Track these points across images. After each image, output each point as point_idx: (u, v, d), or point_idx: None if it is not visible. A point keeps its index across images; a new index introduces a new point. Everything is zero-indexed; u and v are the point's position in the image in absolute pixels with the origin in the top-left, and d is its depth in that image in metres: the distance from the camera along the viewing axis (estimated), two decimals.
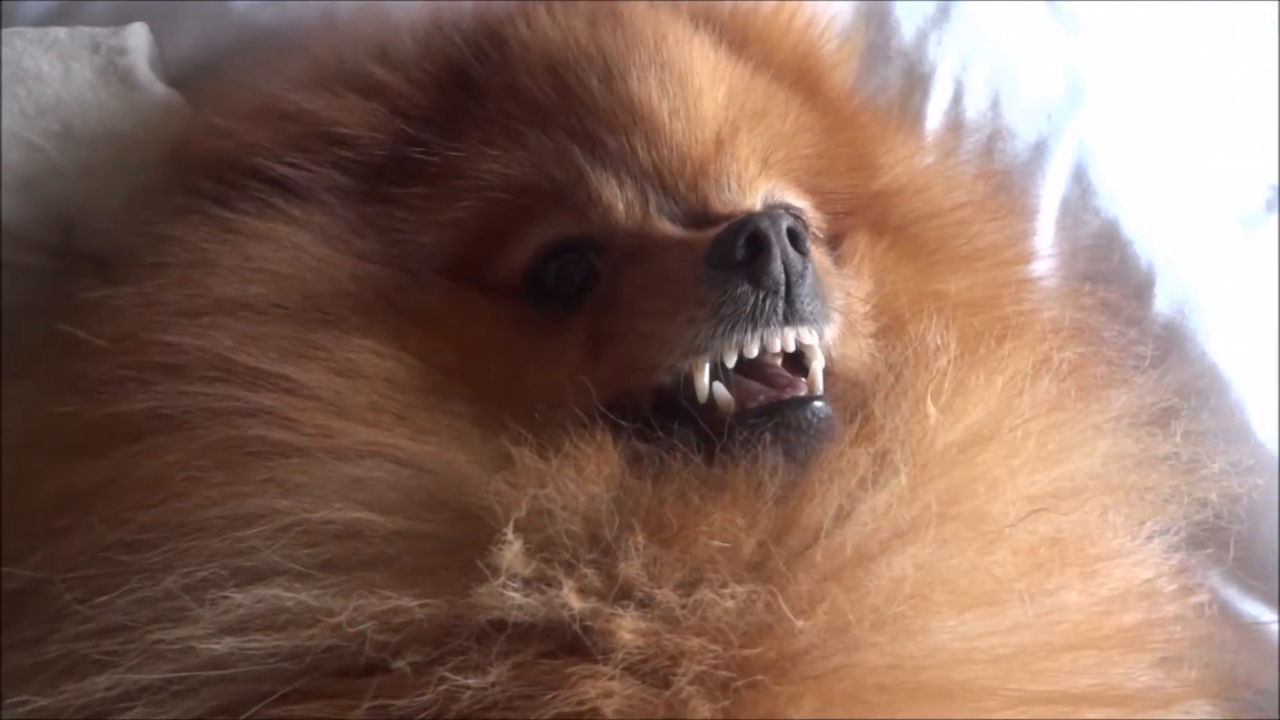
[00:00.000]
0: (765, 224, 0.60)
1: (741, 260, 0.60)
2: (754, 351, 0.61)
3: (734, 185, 0.70)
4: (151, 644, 0.54)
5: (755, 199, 0.71)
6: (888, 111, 0.93)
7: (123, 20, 0.83)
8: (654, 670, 0.53)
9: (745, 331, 0.61)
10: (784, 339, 0.62)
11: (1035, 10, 1.05)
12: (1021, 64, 1.00)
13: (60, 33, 0.80)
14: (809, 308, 0.62)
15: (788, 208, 0.71)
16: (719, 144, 0.71)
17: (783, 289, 0.61)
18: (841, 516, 0.57)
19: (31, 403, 0.67)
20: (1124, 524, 0.69)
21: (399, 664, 0.52)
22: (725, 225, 0.62)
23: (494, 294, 0.68)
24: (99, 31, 0.80)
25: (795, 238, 0.61)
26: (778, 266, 0.60)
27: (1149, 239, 0.96)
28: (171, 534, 0.57)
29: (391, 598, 0.53)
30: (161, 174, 0.76)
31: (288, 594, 0.54)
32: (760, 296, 0.60)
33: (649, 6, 0.78)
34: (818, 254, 0.68)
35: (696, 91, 0.71)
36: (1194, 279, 0.96)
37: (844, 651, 0.55)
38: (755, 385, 0.61)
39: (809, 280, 0.62)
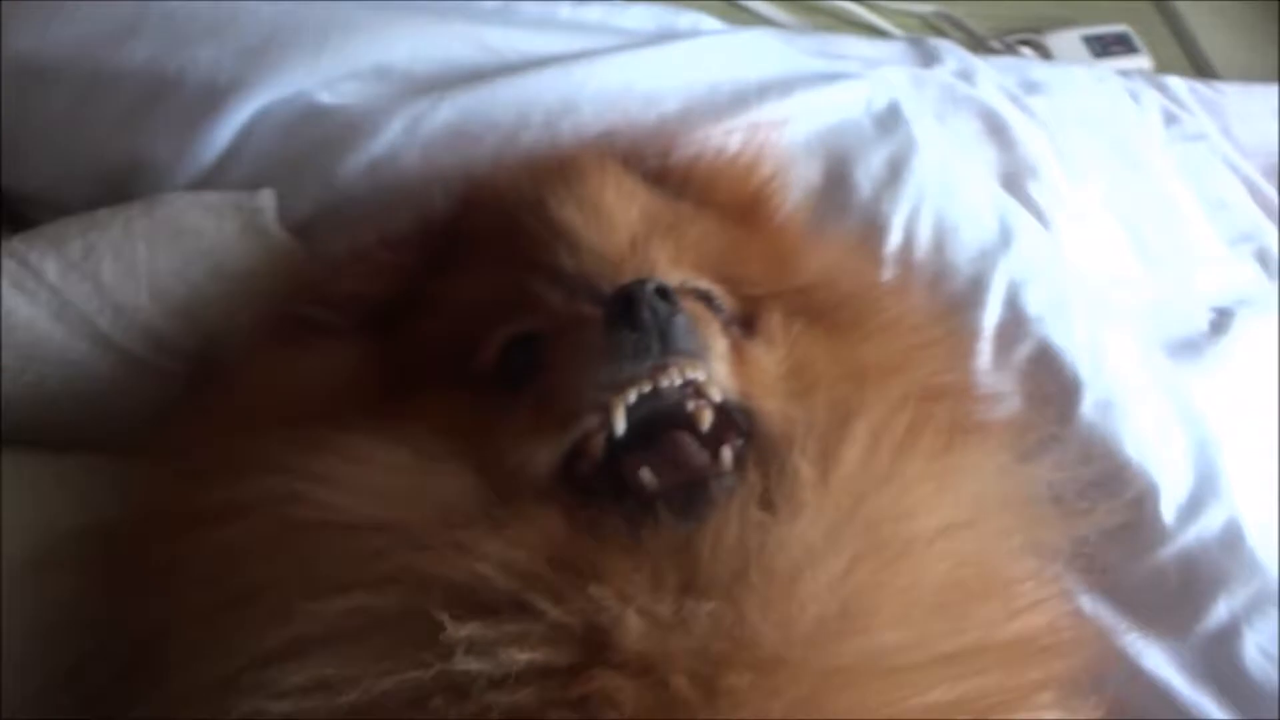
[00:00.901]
0: (634, 286, 0.74)
1: (620, 313, 0.73)
2: (648, 387, 0.72)
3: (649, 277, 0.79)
4: (241, 710, 0.63)
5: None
6: (810, 224, 1.08)
7: (255, 187, 1.05)
8: (652, 675, 0.63)
9: (632, 365, 0.72)
10: (670, 375, 0.73)
11: (987, 160, 1.26)
12: (959, 213, 1.19)
13: (211, 196, 1.01)
14: (685, 344, 0.73)
15: (695, 288, 0.84)
16: (633, 247, 0.84)
17: (654, 330, 0.73)
18: (765, 544, 0.67)
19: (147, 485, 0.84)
20: (1021, 551, 0.77)
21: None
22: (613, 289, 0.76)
23: (473, 387, 0.83)
24: (240, 195, 1.01)
25: (664, 293, 0.74)
26: (646, 313, 0.72)
27: (1075, 353, 1.12)
28: (242, 611, 0.68)
29: (400, 668, 0.63)
30: (274, 306, 0.97)
31: (329, 668, 0.63)
32: (638, 337, 0.72)
33: (584, 156, 0.97)
34: (696, 309, 0.81)
35: (609, 208, 0.86)
36: (1114, 389, 1.12)
37: (801, 651, 0.64)
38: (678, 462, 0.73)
39: (680, 323, 0.73)
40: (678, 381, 0.73)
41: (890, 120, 1.25)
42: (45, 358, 0.97)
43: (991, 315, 1.15)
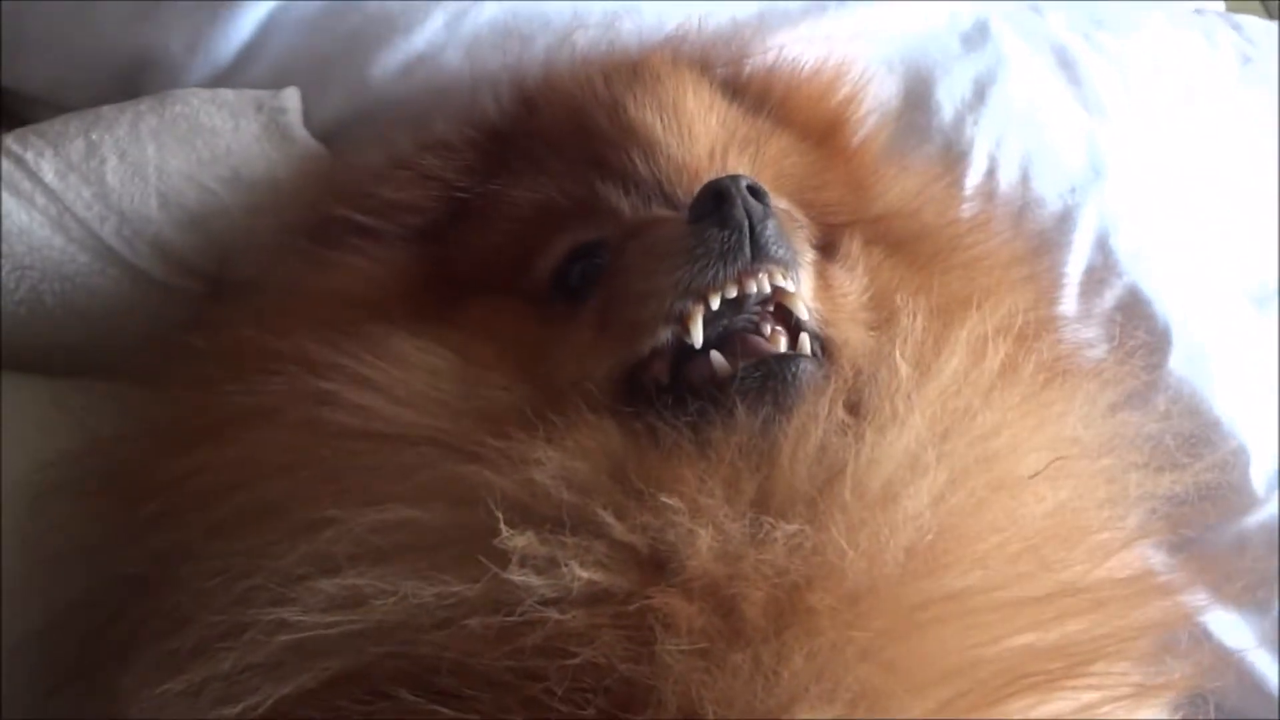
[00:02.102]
0: (726, 180, 0.69)
1: (709, 210, 0.68)
2: (733, 292, 0.68)
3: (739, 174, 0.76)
4: (266, 623, 0.60)
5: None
6: (888, 148, 1.01)
7: (278, 85, 0.95)
8: (718, 597, 0.58)
9: (719, 268, 0.67)
10: (759, 281, 0.68)
11: (1060, 93, 1.15)
12: (1049, 142, 1.09)
13: (228, 94, 0.92)
14: (775, 249, 0.68)
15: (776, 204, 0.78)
16: (711, 157, 0.81)
17: (747, 229, 0.67)
18: (858, 455, 0.63)
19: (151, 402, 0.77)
20: (1111, 501, 0.72)
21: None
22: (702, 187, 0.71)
23: (526, 299, 0.78)
24: (261, 94, 0.93)
25: (756, 192, 0.69)
26: (740, 210, 0.67)
27: (1166, 301, 1.04)
28: (264, 524, 0.64)
29: (443, 582, 0.59)
30: (304, 215, 0.88)
31: (363, 580, 0.59)
32: (727, 235, 0.67)
33: (658, 58, 0.91)
34: (785, 215, 0.75)
35: (689, 116, 0.83)
36: (1205, 341, 1.04)
37: (886, 582, 0.60)
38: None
39: (771, 225, 0.68)
40: (766, 289, 0.69)
41: (977, 37, 1.15)
42: (41, 270, 0.88)
43: (1079, 256, 1.06)
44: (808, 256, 0.74)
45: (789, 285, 0.69)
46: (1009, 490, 0.66)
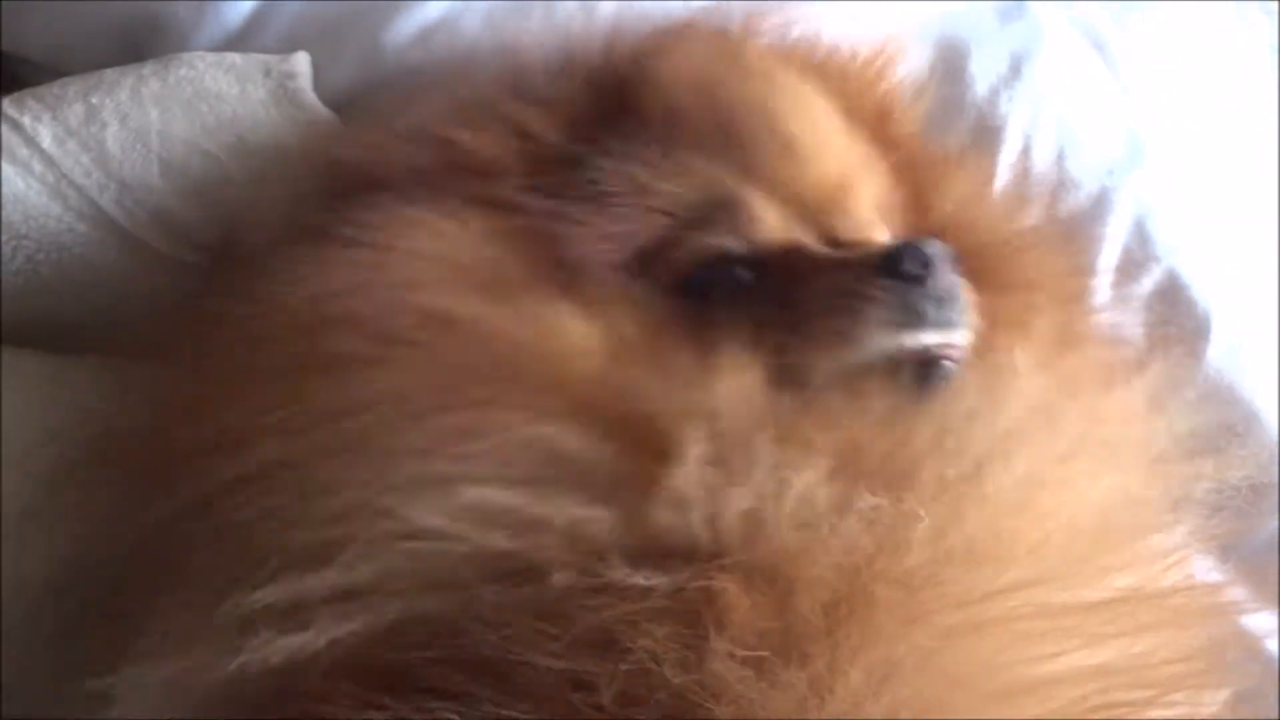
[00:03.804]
0: (934, 248, 0.71)
1: (914, 274, 0.70)
2: (928, 343, 0.70)
3: (853, 217, 0.80)
4: (382, 523, 0.58)
5: (870, 231, 0.81)
6: (941, 153, 0.98)
7: (287, 51, 0.91)
8: (778, 582, 0.56)
9: (916, 325, 0.70)
10: (943, 336, 0.71)
11: (1097, 72, 1.11)
12: (1085, 123, 1.06)
13: (235, 58, 0.88)
14: (956, 314, 0.72)
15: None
16: (842, 182, 0.80)
17: (933, 296, 0.71)
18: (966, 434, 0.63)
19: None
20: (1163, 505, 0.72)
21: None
22: (897, 244, 0.73)
23: (652, 293, 0.75)
24: (269, 58, 0.88)
25: (946, 260, 0.72)
26: (946, 280, 0.71)
27: (1205, 288, 1.01)
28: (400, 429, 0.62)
29: (584, 510, 0.58)
30: (315, 185, 0.83)
31: (501, 495, 0.58)
32: (922, 295, 0.70)
33: (772, 55, 0.88)
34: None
35: (827, 134, 0.81)
36: (1245, 328, 1.01)
37: (951, 566, 0.58)
38: None
39: (960, 294, 0.72)
40: (950, 352, 0.72)
41: (1014, 11, 1.11)
42: (38, 240, 0.84)
43: (1115, 239, 1.03)
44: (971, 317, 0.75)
45: (964, 342, 0.73)
46: (1072, 486, 0.65)
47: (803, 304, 0.72)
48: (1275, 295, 1.07)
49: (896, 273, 0.71)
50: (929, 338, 0.70)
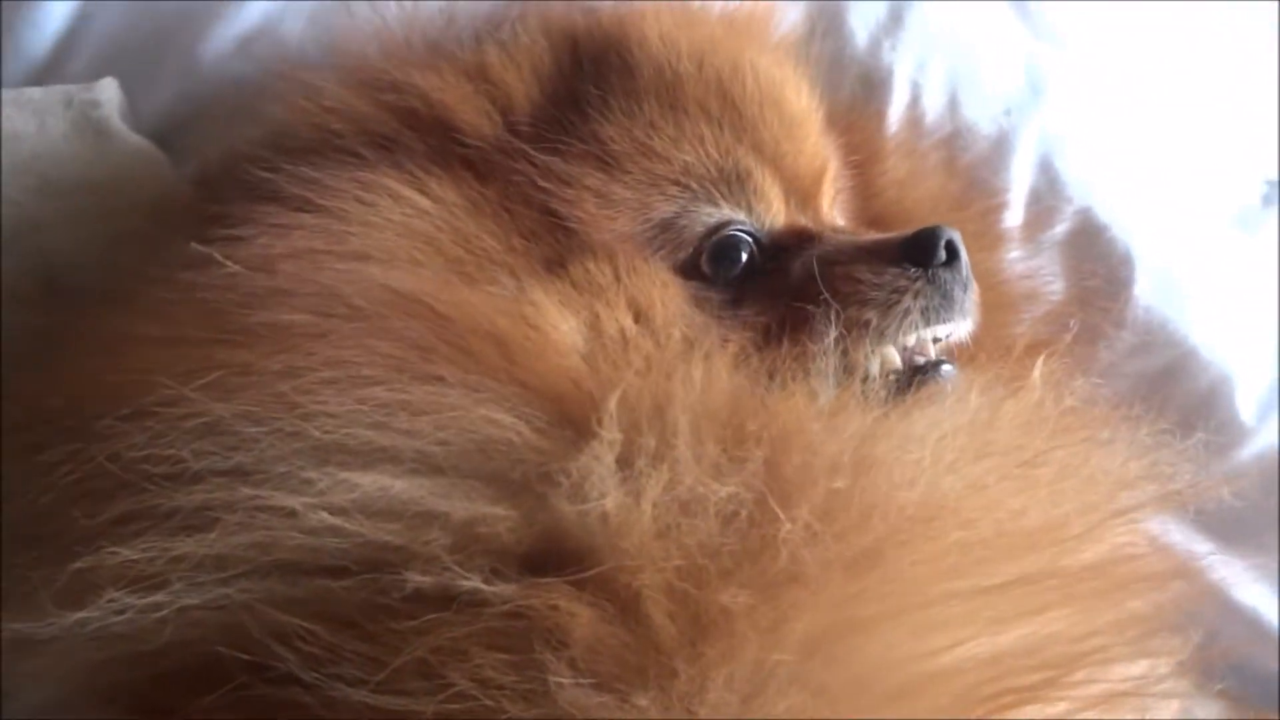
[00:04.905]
0: (955, 235, 0.72)
1: (938, 261, 0.71)
2: (946, 334, 0.73)
3: (827, 202, 0.80)
4: (257, 505, 0.54)
5: (835, 216, 0.81)
6: (879, 132, 0.96)
7: (101, 77, 0.85)
8: (615, 586, 0.52)
9: (945, 314, 0.71)
10: (955, 328, 0.73)
11: (993, 11, 1.05)
12: (978, 61, 1.00)
13: (35, 92, 0.82)
14: (968, 303, 0.73)
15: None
16: (824, 165, 0.80)
17: (955, 283, 0.71)
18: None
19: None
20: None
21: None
22: (920, 231, 0.72)
23: (659, 266, 0.71)
24: (71, 88, 0.82)
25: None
26: (965, 267, 0.72)
27: (1125, 225, 0.96)
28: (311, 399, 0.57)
29: (482, 508, 0.53)
30: (140, 219, 0.77)
31: (396, 484, 0.54)
32: (945, 283, 0.71)
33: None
34: None
35: (815, 114, 0.81)
36: (1174, 263, 0.96)
37: (819, 564, 0.53)
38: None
39: (970, 282, 0.73)
40: (954, 339, 0.74)
41: None
42: None
43: (1021, 181, 0.97)
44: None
45: (965, 332, 0.74)
46: (986, 475, 0.61)
47: (824, 293, 0.70)
48: (1207, 227, 1.03)
49: (925, 260, 0.70)
50: (954, 328, 0.72)
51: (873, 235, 0.76)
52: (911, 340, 0.71)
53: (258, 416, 0.55)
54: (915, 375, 0.70)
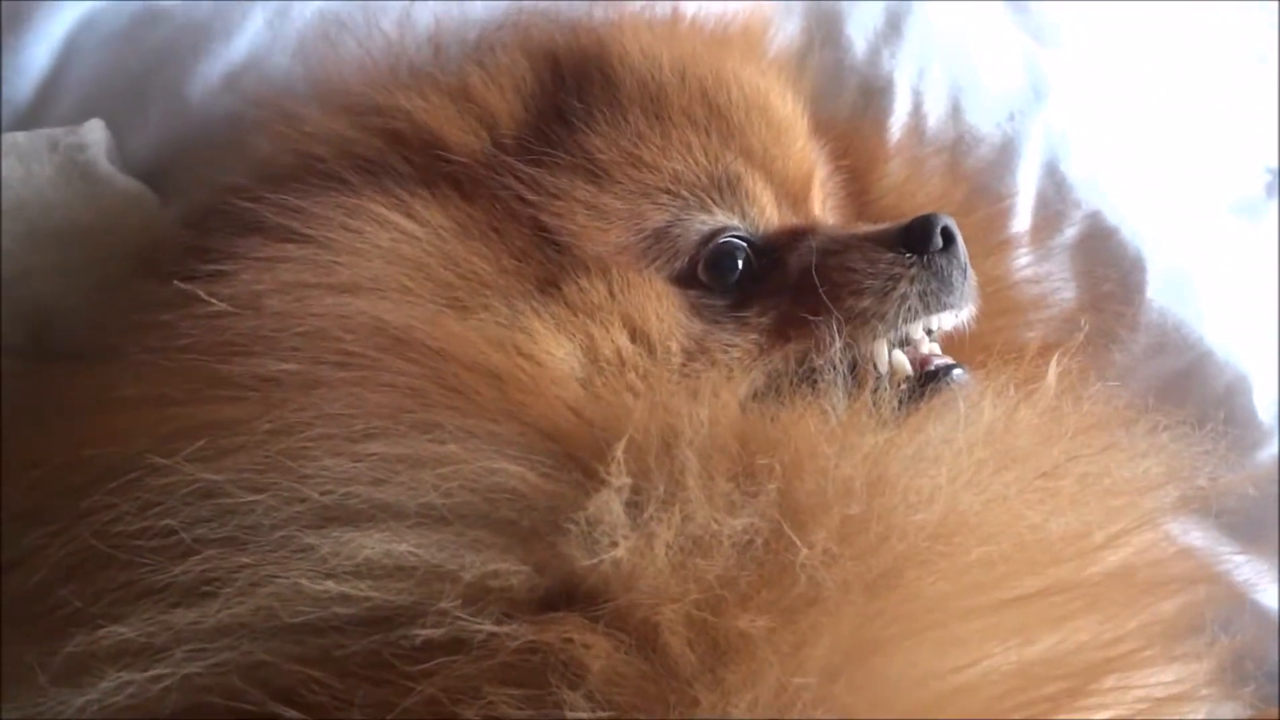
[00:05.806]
0: (950, 221, 0.72)
1: (935, 247, 0.71)
2: (949, 323, 0.72)
3: (817, 205, 0.80)
4: (257, 579, 0.52)
5: (827, 218, 0.81)
6: (873, 134, 0.95)
7: (88, 118, 0.83)
8: (630, 618, 0.51)
9: (945, 299, 0.71)
10: (958, 315, 0.73)
11: (996, 13, 1.04)
12: (978, 65, 0.98)
13: (19, 137, 0.80)
14: (969, 291, 0.73)
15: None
16: (812, 168, 0.79)
17: (957, 270, 0.72)
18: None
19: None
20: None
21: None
22: (916, 219, 0.72)
23: (654, 277, 0.70)
24: (56, 131, 0.81)
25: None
26: (964, 253, 0.72)
27: (1134, 226, 0.95)
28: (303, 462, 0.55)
29: (493, 562, 0.52)
30: (129, 263, 0.76)
31: (403, 544, 0.52)
32: (949, 271, 0.71)
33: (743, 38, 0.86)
34: None
35: (800, 119, 0.81)
36: (1185, 263, 0.94)
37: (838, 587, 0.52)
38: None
39: (969, 268, 0.73)
40: (953, 326, 0.73)
41: None
42: None
43: (1028, 186, 0.95)
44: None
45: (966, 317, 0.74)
46: (1005, 488, 0.60)
47: (821, 288, 0.70)
48: (1216, 222, 1.02)
49: (922, 246, 0.70)
50: (954, 316, 0.72)
51: (868, 226, 0.76)
52: (915, 329, 0.70)
53: (251, 483, 0.53)
54: (927, 382, 0.69)
